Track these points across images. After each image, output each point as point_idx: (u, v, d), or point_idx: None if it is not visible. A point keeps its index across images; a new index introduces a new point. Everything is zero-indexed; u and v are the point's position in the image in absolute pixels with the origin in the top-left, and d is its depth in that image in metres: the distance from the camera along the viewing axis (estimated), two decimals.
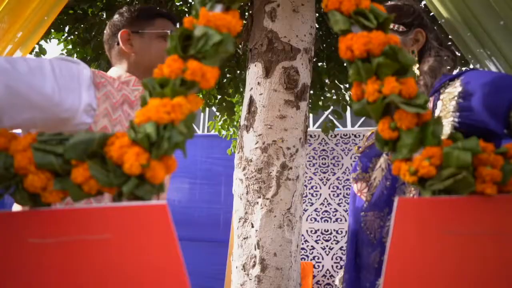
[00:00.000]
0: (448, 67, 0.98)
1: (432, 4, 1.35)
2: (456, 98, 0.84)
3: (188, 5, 3.70)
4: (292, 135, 2.20)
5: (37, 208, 0.52)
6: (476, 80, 0.82)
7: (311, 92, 4.18)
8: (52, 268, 0.52)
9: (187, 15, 3.69)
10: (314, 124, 7.02)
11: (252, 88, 2.26)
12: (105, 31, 1.18)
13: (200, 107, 0.74)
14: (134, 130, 0.52)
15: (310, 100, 4.20)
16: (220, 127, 4.48)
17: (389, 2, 1.07)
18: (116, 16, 1.16)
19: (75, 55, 3.45)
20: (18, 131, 0.79)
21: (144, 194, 0.52)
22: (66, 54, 3.54)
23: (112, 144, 0.52)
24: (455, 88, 0.86)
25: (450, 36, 1.38)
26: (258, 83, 2.25)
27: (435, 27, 1.07)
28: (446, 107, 0.86)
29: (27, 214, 0.52)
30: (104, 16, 3.00)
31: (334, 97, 3.92)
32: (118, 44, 1.12)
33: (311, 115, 5.84)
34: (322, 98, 4.01)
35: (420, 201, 0.55)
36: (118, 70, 1.11)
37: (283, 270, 2.09)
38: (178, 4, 3.67)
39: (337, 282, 1.17)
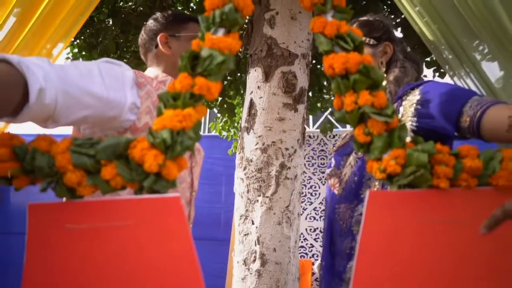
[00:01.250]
0: (413, 77, 1.09)
1: (415, 23, 1.46)
2: (414, 105, 0.95)
3: (190, 9, 3.81)
4: (290, 137, 2.29)
5: (73, 199, 0.64)
6: (434, 90, 0.93)
7: (310, 94, 4.29)
8: (84, 249, 0.64)
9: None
10: (313, 125, 7.12)
11: (252, 92, 2.36)
12: (140, 36, 1.26)
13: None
14: (152, 136, 0.64)
15: (309, 102, 4.31)
16: (221, 128, 4.59)
17: (363, 17, 1.18)
18: (151, 22, 1.24)
19: (80, 59, 3.57)
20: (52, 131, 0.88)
21: (161, 188, 0.64)
22: (72, 58, 3.66)
23: (135, 147, 0.63)
24: (415, 96, 0.98)
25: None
26: (258, 87, 2.36)
27: (402, 41, 1.18)
28: (406, 113, 0.97)
29: (64, 204, 0.64)
30: (110, 23, 3.12)
31: (333, 98, 4.03)
32: (156, 47, 1.20)
33: (310, 116, 5.95)
34: (320, 99, 4.12)
35: (388, 193, 0.66)
36: (155, 71, 1.19)
37: (282, 265, 2.18)
38: (180, 8, 3.79)
39: (315, 269, 1.28)
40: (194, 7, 3.71)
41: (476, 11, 1.16)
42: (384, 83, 1.05)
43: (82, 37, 3.37)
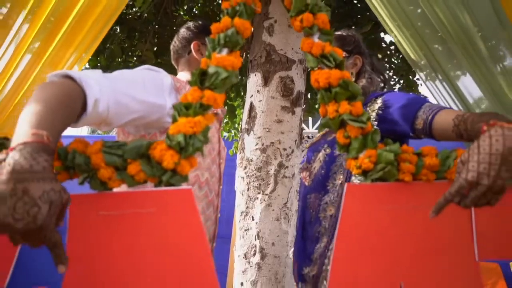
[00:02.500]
0: (378, 87, 1.23)
1: (401, 46, 1.60)
2: (377, 110, 1.10)
3: (192, 14, 3.95)
4: (288, 138, 2.39)
5: (105, 191, 0.78)
6: (394, 99, 1.07)
7: (309, 96, 4.41)
8: (114, 231, 0.77)
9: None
10: (313, 126, 7.25)
11: (252, 95, 2.47)
12: (173, 43, 1.36)
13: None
14: (169, 139, 0.78)
15: (307, 104, 4.43)
16: (222, 129, 4.72)
17: (337, 32, 1.31)
18: (183, 31, 1.35)
19: (87, 64, 3.72)
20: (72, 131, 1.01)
21: (176, 182, 0.78)
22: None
23: (155, 148, 0.77)
24: (377, 104, 1.12)
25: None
26: (258, 91, 2.49)
27: (371, 55, 1.32)
28: (370, 117, 1.11)
29: (98, 195, 0.77)
30: (118, 30, 3.26)
31: None
32: (189, 53, 1.31)
33: (310, 118, 6.08)
34: (318, 102, 4.24)
35: (362, 186, 0.80)
36: (186, 75, 1.28)
37: (280, 258, 2.28)
38: (181, 13, 3.93)
39: (290, 254, 1.42)
40: (196, 12, 3.86)
41: (453, 32, 1.30)
42: None
43: None
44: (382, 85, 1.27)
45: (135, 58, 3.41)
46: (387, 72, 4.15)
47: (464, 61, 1.32)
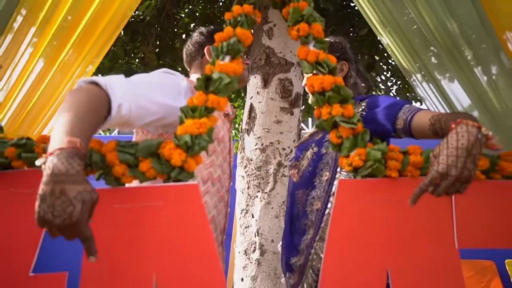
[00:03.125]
0: (362, 91, 1.32)
1: (394, 55, 1.68)
2: (360, 112, 1.18)
3: (195, 19, 4.03)
4: (287, 138, 2.46)
5: (119, 186, 0.85)
6: (376, 102, 1.15)
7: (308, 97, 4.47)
8: (128, 223, 0.85)
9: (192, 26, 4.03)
10: (312, 126, 7.33)
11: (252, 97, 2.54)
12: (186, 47, 1.42)
13: None
14: (177, 139, 0.85)
15: (306, 104, 4.50)
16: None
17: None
18: (196, 35, 1.40)
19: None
20: None
21: (183, 178, 0.85)
22: None
23: (164, 147, 0.85)
24: (361, 106, 1.20)
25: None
26: (257, 92, 2.56)
27: (355, 61, 1.39)
28: None
29: (113, 190, 0.85)
30: (121, 33, 3.34)
31: None
32: (202, 57, 1.36)
33: (309, 118, 6.15)
34: None
35: (353, 181, 0.88)
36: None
37: (279, 254, 2.35)
38: (183, 16, 4.00)
39: (278, 248, 1.49)
40: (197, 14, 3.93)
41: (441, 39, 1.39)
42: None
43: None
44: (366, 89, 1.35)
45: (137, 60, 3.49)
46: (385, 73, 4.23)
47: (452, 68, 1.39)
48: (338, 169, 1.18)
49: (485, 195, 0.87)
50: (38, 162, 0.71)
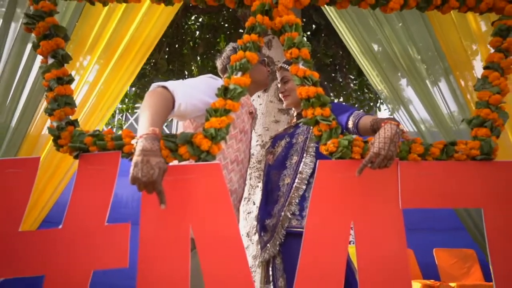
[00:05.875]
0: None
1: (368, 74, 2.04)
2: None
3: (201, 26, 4.37)
4: None
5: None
6: (335, 108, 1.40)
7: None
8: (172, 188, 1.18)
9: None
10: None
11: (253, 100, 2.89)
12: (222, 59, 1.67)
13: None
14: (205, 131, 1.21)
15: None
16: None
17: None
18: (230, 50, 1.66)
19: None
20: None
21: (209, 159, 1.20)
22: None
23: (196, 137, 1.20)
24: None
25: None
26: (258, 96, 2.91)
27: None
28: None
29: None
30: None
31: None
32: None
33: None
34: None
35: (329, 162, 1.23)
36: None
37: None
38: (190, 24, 4.34)
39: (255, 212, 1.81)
40: (204, 23, 4.28)
41: (404, 63, 1.75)
42: None
43: None
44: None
45: (150, 66, 3.84)
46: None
47: (413, 89, 1.75)
48: (304, 155, 1.52)
49: (423, 171, 1.23)
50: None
